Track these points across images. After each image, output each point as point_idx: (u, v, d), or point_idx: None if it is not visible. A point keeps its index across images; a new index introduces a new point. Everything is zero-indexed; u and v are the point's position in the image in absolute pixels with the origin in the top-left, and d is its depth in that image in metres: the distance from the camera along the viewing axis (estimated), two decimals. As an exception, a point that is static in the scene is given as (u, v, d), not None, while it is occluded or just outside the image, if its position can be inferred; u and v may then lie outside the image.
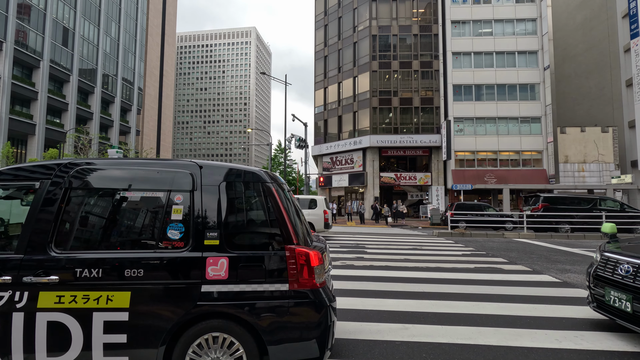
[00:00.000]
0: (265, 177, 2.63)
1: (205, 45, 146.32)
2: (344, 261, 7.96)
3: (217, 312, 2.34)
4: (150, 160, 2.67)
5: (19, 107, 36.64)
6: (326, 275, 2.72)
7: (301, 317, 2.39)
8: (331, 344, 2.57)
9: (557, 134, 27.19)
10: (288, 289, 2.39)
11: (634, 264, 3.40)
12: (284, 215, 2.52)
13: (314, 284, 2.45)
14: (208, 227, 2.44)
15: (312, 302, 2.41)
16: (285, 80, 28.68)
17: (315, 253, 2.51)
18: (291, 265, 2.42)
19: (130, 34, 54.36)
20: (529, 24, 29.71)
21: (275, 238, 2.48)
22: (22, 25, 35.37)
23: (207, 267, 2.36)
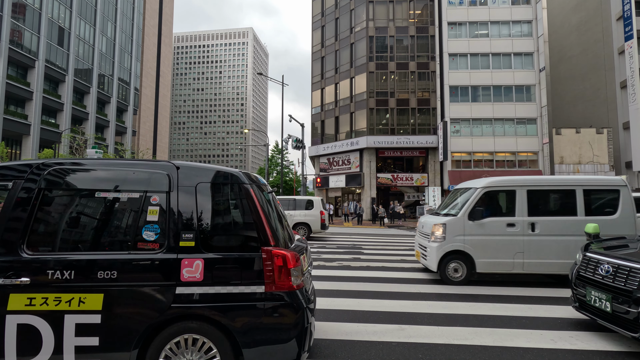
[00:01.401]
0: (243, 179, 2.60)
1: (202, 46, 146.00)
2: (340, 262, 7.95)
3: (191, 314, 2.32)
4: (127, 161, 2.63)
5: (13, 107, 36.36)
6: (305, 276, 2.70)
7: (277, 320, 2.37)
8: (308, 345, 2.56)
9: (553, 135, 27.37)
10: (264, 290, 2.38)
11: (614, 264, 3.42)
12: (261, 217, 2.50)
13: (290, 286, 2.43)
14: (184, 229, 2.41)
15: (288, 304, 2.39)
16: (282, 81, 28.67)
17: (292, 255, 2.48)
18: (267, 267, 2.40)
19: (127, 34, 54.14)
20: (524, 25, 29.91)
21: (252, 240, 2.45)
22: (17, 24, 35.12)
23: (182, 269, 2.33)
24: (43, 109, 38.83)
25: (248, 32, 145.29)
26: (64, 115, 41.22)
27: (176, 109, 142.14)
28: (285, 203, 12.91)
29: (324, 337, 3.54)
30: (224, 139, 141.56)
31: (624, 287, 3.22)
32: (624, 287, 3.22)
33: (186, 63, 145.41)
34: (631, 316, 3.09)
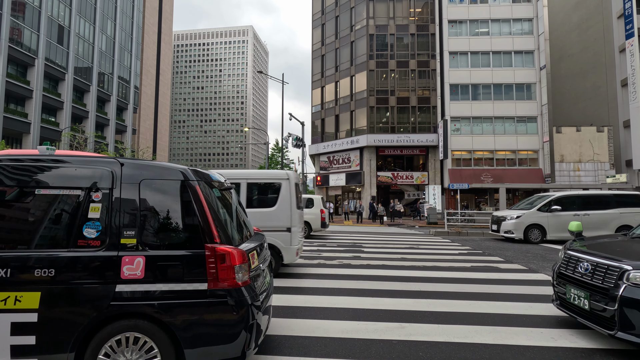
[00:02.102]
0: (189, 176, 2.56)
1: (202, 44, 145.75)
2: (340, 260, 7.96)
3: (131, 312, 2.29)
4: (70, 157, 2.60)
5: (13, 106, 36.33)
6: (254, 273, 2.68)
7: (220, 316, 2.36)
8: (255, 343, 2.54)
9: (553, 134, 27.34)
10: (207, 288, 2.35)
11: (593, 261, 3.43)
12: (206, 214, 2.47)
13: (235, 283, 2.41)
14: (125, 226, 2.39)
15: (231, 301, 2.37)
16: (283, 79, 28.61)
17: (238, 252, 2.47)
18: (210, 265, 2.38)
19: (127, 32, 54.03)
20: (525, 23, 29.83)
21: (195, 237, 2.43)
22: (16, 22, 35.05)
23: (123, 267, 2.31)
24: (43, 107, 38.80)
25: (248, 30, 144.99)
26: (64, 113, 41.19)
27: (176, 107, 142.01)
28: (286, 201, 12.90)
29: (325, 335, 3.54)
30: (224, 137, 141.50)
31: (601, 285, 3.23)
32: (601, 284, 3.24)
33: (186, 61, 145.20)
34: (607, 314, 3.11)
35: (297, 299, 4.78)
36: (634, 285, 2.99)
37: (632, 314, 2.93)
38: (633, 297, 2.93)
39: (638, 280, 2.99)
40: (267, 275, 3.18)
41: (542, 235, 11.75)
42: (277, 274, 6.26)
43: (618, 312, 3.01)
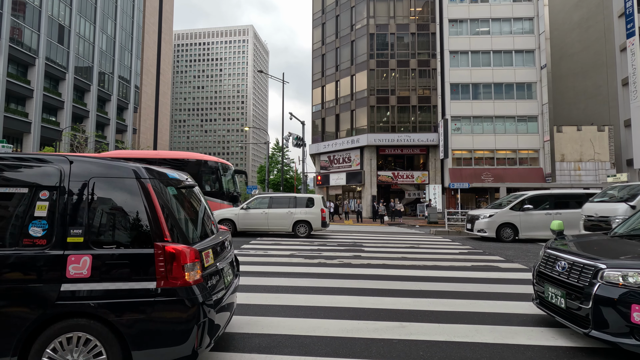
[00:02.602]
0: (141, 173, 2.54)
1: (202, 44, 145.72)
2: (341, 260, 7.96)
3: (77, 312, 2.27)
4: (17, 155, 2.57)
5: (14, 105, 36.36)
6: (209, 271, 2.67)
7: (168, 315, 2.33)
8: (207, 343, 2.53)
9: (554, 133, 27.31)
10: (155, 287, 2.34)
11: (570, 260, 3.43)
12: (156, 212, 2.45)
13: (185, 281, 2.38)
14: (72, 224, 2.37)
15: (181, 300, 2.35)
16: (283, 79, 28.61)
17: (189, 250, 2.45)
18: (160, 263, 2.36)
19: (127, 32, 54.03)
20: (526, 22, 29.79)
21: (145, 235, 2.41)
22: (17, 22, 35.07)
23: (68, 266, 2.29)
24: (43, 107, 38.83)
25: (248, 30, 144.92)
26: (65, 113, 41.22)
27: (177, 106, 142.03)
28: (286, 201, 12.93)
29: (325, 335, 3.54)
30: (225, 136, 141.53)
31: (577, 284, 3.23)
32: (577, 283, 3.24)
33: (186, 61, 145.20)
34: (583, 312, 3.11)
35: (298, 298, 4.79)
36: (607, 284, 2.99)
37: (606, 312, 2.93)
38: (607, 295, 2.93)
39: (612, 278, 2.98)
40: (229, 274, 3.17)
41: (514, 234, 11.75)
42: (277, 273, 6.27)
43: (592, 311, 3.01)
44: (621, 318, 2.83)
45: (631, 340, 2.81)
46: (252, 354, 3.10)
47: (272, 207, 12.72)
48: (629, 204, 8.68)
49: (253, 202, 13.00)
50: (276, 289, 5.31)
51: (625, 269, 2.95)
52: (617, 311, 2.85)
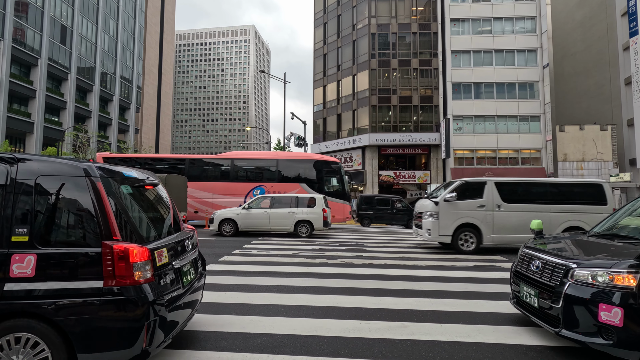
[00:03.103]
0: (91, 172, 2.50)
1: (204, 44, 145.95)
2: (342, 259, 7.96)
3: (21, 312, 2.25)
4: None
5: (17, 106, 36.52)
6: (162, 270, 2.65)
7: (116, 315, 2.31)
8: (160, 341, 2.52)
9: (556, 132, 27.22)
10: (102, 286, 2.32)
11: (543, 259, 3.43)
12: (106, 211, 2.42)
13: (134, 280, 2.38)
14: (17, 223, 2.35)
15: (129, 299, 2.33)
16: (285, 79, 28.61)
17: (140, 249, 2.43)
18: (107, 262, 2.35)
19: (129, 32, 54.16)
20: (528, 22, 29.70)
21: (93, 234, 2.40)
22: (19, 23, 35.21)
23: (12, 265, 2.27)
24: (46, 107, 38.98)
25: (250, 30, 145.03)
26: (67, 113, 41.37)
27: (178, 106, 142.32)
28: (288, 201, 12.93)
29: (327, 334, 3.54)
30: (226, 136, 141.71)
31: (549, 283, 3.23)
32: (548, 282, 3.24)
33: (188, 61, 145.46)
34: (554, 312, 3.11)
35: (300, 298, 4.79)
36: (577, 283, 2.98)
37: (575, 311, 2.92)
38: (576, 295, 2.93)
39: (582, 278, 2.98)
40: (191, 274, 3.17)
41: None
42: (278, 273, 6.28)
43: (562, 310, 3.01)
44: (590, 317, 2.82)
45: (598, 340, 2.80)
46: (254, 353, 3.10)
47: (274, 207, 12.72)
48: (432, 200, 9.25)
49: (255, 201, 13.01)
50: (278, 288, 5.31)
51: (595, 269, 2.94)
52: (586, 310, 2.85)
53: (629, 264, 2.78)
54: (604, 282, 2.84)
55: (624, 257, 2.91)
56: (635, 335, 2.65)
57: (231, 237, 12.15)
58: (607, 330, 2.75)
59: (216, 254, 8.31)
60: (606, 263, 2.94)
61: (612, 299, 2.73)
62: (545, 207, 9.02)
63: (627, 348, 2.68)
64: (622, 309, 2.67)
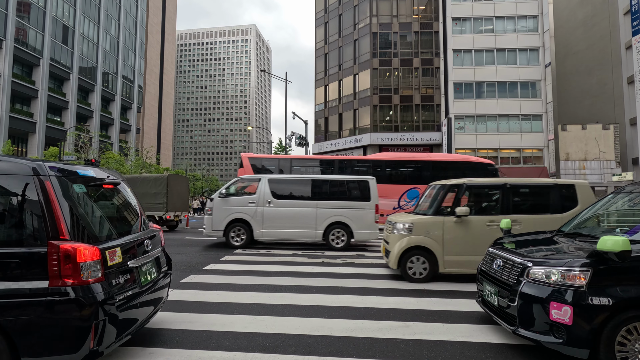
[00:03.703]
0: (40, 170, 2.47)
1: (205, 43, 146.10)
2: (344, 259, 7.96)
3: None
4: None
5: (19, 106, 36.64)
6: (114, 270, 2.63)
7: (61, 316, 2.28)
8: (112, 342, 2.50)
9: (558, 132, 27.13)
10: (48, 286, 2.29)
11: (504, 257, 3.44)
12: (54, 210, 2.40)
13: (81, 280, 2.35)
14: None
15: (75, 299, 2.30)
16: (286, 78, 28.61)
17: (88, 249, 2.41)
18: (53, 262, 2.32)
19: (130, 32, 54.26)
20: (530, 21, 29.60)
21: (40, 234, 2.37)
22: (21, 23, 35.31)
23: None
24: (48, 107, 39.11)
25: (251, 29, 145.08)
26: (69, 113, 41.49)
27: (180, 106, 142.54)
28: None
29: (329, 334, 3.54)
30: (228, 136, 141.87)
31: (507, 281, 3.25)
32: (507, 281, 3.25)
33: (189, 60, 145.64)
34: (511, 310, 3.11)
35: (301, 297, 4.79)
36: (532, 282, 2.99)
37: (530, 310, 2.93)
38: (531, 293, 2.94)
39: (537, 276, 2.98)
40: (152, 273, 3.17)
41: None
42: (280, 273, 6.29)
43: (518, 309, 3.02)
44: (543, 316, 2.83)
45: (550, 338, 2.81)
46: (256, 353, 3.11)
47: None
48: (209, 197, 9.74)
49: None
50: (279, 288, 5.31)
51: (549, 267, 2.94)
52: (539, 309, 2.86)
53: (582, 263, 2.78)
54: (557, 281, 2.84)
55: (578, 256, 2.92)
56: (584, 333, 2.65)
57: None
58: (558, 329, 2.76)
59: (218, 254, 8.32)
60: (560, 262, 2.94)
61: (563, 298, 2.75)
62: (312, 203, 9.32)
63: (576, 346, 2.69)
64: (571, 307, 2.69)
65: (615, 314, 2.65)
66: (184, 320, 3.89)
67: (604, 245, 2.66)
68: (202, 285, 5.46)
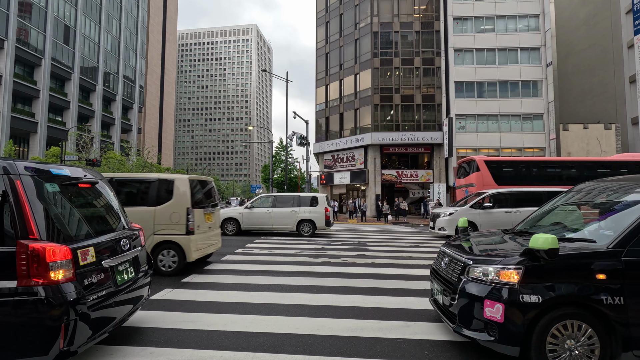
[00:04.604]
0: (11, 169, 2.46)
1: (206, 43, 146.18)
2: (345, 258, 7.95)
3: None
4: None
5: (20, 105, 36.73)
6: (86, 269, 2.62)
7: (30, 315, 2.27)
8: (84, 341, 2.50)
9: (560, 131, 27.07)
10: (16, 286, 2.27)
11: (450, 256, 3.44)
12: (23, 209, 2.39)
13: (51, 280, 2.34)
14: None
15: (44, 299, 2.29)
16: (287, 78, 28.59)
17: (58, 248, 2.40)
18: (21, 261, 2.31)
19: (132, 32, 54.32)
20: (531, 20, 29.53)
21: (8, 233, 2.35)
22: (23, 23, 35.39)
23: None
24: (50, 107, 39.19)
25: (252, 29, 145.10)
26: (71, 113, 41.57)
27: (181, 106, 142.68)
28: (290, 200, 12.95)
29: (329, 334, 3.54)
30: (229, 136, 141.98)
31: (451, 279, 3.25)
32: (450, 279, 3.26)
33: (190, 60, 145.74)
34: (453, 308, 3.12)
35: (302, 297, 4.79)
36: (471, 280, 2.99)
37: (468, 308, 2.93)
38: (469, 291, 2.95)
39: (475, 274, 2.98)
40: (129, 272, 3.17)
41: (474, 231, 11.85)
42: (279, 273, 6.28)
43: (457, 306, 3.03)
44: (479, 313, 2.84)
45: (484, 336, 2.81)
46: (257, 352, 3.11)
47: (276, 206, 12.74)
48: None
49: (257, 201, 13.03)
50: (280, 287, 5.32)
51: (486, 265, 2.95)
52: (476, 307, 2.87)
53: (517, 261, 2.79)
54: (492, 279, 2.85)
55: (514, 255, 2.92)
56: (515, 330, 2.66)
57: (234, 236, 12.18)
58: (491, 326, 2.77)
59: (219, 253, 8.32)
60: (496, 260, 2.94)
61: (496, 295, 2.76)
62: None
63: (507, 344, 2.69)
64: (503, 305, 2.70)
65: (546, 311, 2.66)
66: (185, 319, 3.90)
67: (536, 243, 2.67)
68: (203, 284, 5.47)
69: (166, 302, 4.53)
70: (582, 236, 3.10)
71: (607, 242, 2.74)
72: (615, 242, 2.70)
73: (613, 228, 2.88)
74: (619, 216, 2.96)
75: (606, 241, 2.76)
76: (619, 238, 2.70)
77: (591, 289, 2.62)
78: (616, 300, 2.59)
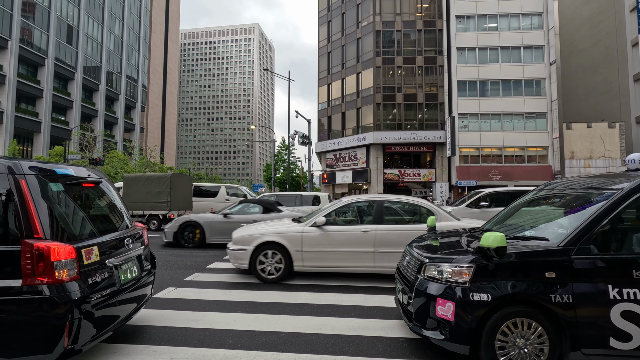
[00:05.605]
0: (16, 169, 2.47)
1: (209, 42, 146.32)
2: (347, 258, 7.95)
3: None
4: None
5: (24, 105, 36.93)
6: (90, 268, 2.63)
7: (35, 314, 2.28)
8: (89, 339, 2.51)
9: (563, 130, 26.93)
10: (21, 284, 2.29)
11: (411, 254, 3.41)
12: (28, 208, 2.40)
13: (55, 279, 2.35)
14: None
15: (49, 298, 2.30)
16: (289, 77, 28.59)
17: (63, 247, 2.41)
18: (26, 260, 2.32)
19: (134, 32, 54.47)
20: (534, 18, 29.37)
21: (13, 232, 2.37)
22: (26, 23, 35.55)
23: None
24: (53, 106, 39.38)
25: (254, 28, 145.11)
26: (74, 112, 41.77)
27: (183, 105, 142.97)
28: (292, 199, 12.94)
29: (332, 333, 3.55)
30: (231, 135, 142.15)
31: (409, 278, 3.24)
32: (409, 277, 3.25)
33: (193, 60, 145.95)
34: (410, 307, 3.10)
35: (303, 297, 4.80)
36: (426, 278, 2.98)
37: (423, 306, 2.92)
38: (423, 289, 2.93)
39: (430, 272, 2.97)
40: (132, 271, 3.19)
41: None
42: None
43: (414, 305, 3.01)
44: (432, 312, 2.83)
45: (437, 334, 2.80)
46: (259, 351, 3.12)
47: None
48: None
49: (259, 200, 13.03)
50: (282, 286, 5.32)
51: (441, 263, 2.93)
52: (429, 305, 2.86)
53: (470, 259, 2.77)
54: (445, 277, 2.84)
55: (467, 253, 2.90)
56: (464, 329, 2.65)
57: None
58: (443, 325, 2.76)
59: (221, 252, 8.35)
60: (452, 258, 2.91)
61: (448, 294, 2.75)
62: None
63: (457, 342, 2.68)
64: (453, 303, 2.69)
65: (495, 309, 2.64)
66: (188, 318, 3.91)
67: (487, 241, 2.66)
68: (205, 283, 5.49)
69: (169, 301, 4.55)
70: (538, 234, 3.06)
71: (559, 241, 2.73)
72: (566, 240, 2.69)
73: (568, 227, 2.85)
74: (575, 215, 2.91)
75: (559, 239, 2.74)
76: (570, 236, 2.69)
77: (540, 287, 2.61)
78: (565, 298, 2.57)
